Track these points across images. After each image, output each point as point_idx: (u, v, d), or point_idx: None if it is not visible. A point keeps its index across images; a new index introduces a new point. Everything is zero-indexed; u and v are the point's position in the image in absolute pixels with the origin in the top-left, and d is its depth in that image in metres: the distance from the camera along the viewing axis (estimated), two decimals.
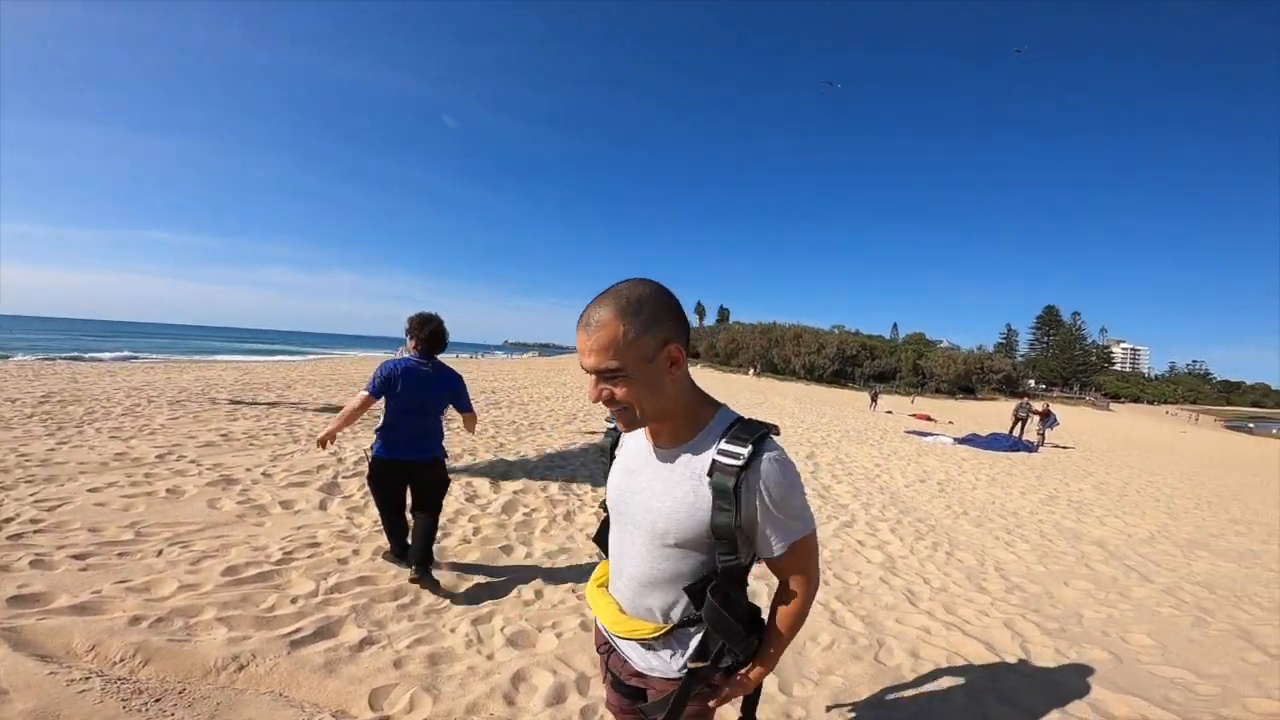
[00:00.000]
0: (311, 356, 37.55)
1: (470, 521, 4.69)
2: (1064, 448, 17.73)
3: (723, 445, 1.16)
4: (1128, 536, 6.50)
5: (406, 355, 3.48)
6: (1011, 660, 3.30)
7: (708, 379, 50.49)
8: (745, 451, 1.13)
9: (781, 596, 1.29)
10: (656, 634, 1.26)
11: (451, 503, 5.00)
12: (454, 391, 3.53)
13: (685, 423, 1.22)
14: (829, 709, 2.66)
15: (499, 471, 6.38)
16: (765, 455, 1.14)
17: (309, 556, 3.69)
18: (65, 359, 21.14)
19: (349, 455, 6.33)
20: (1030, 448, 15.44)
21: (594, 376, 1.13)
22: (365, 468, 5.96)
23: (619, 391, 1.12)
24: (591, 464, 7.26)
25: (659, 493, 1.21)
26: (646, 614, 1.27)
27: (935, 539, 5.72)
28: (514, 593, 3.53)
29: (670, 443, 1.23)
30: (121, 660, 2.45)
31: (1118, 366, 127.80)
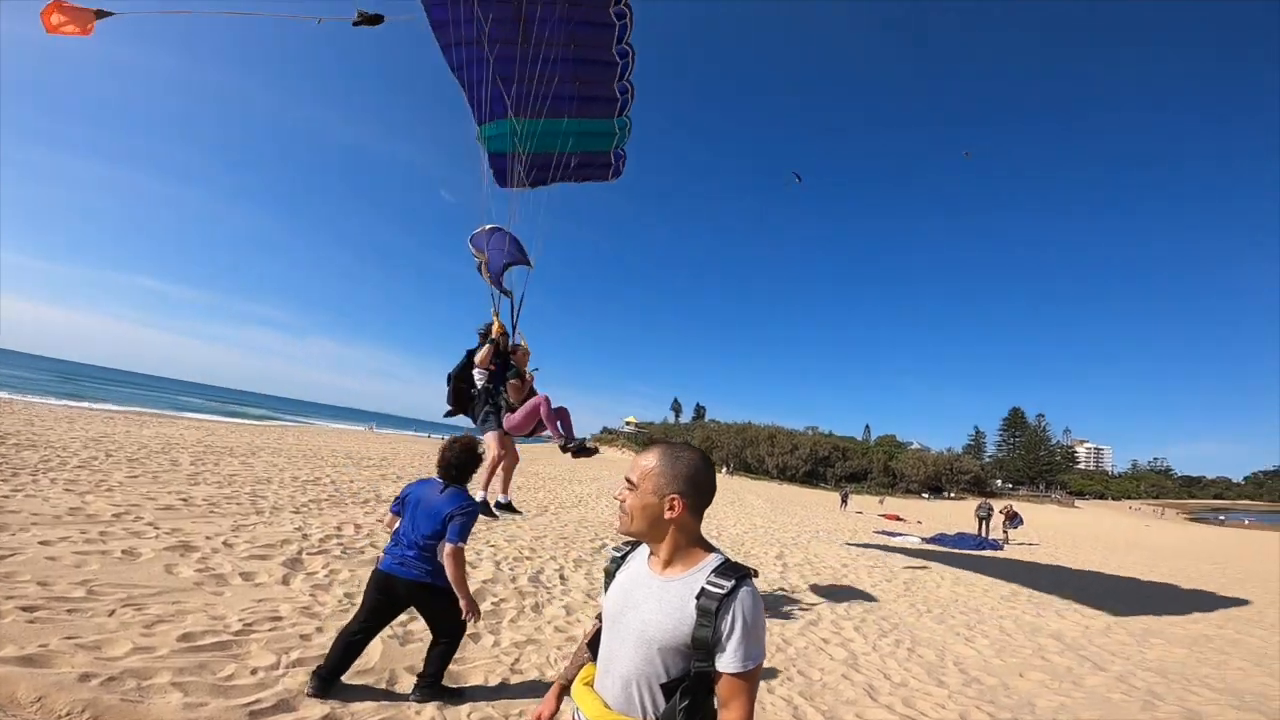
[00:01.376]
0: (280, 423, 36.48)
1: None
2: (1030, 544, 17.92)
3: (711, 577, 1.48)
4: (1085, 629, 6.63)
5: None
6: None
7: None
8: (729, 584, 1.45)
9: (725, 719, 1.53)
10: None
11: None
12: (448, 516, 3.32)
13: (684, 559, 1.55)
14: None
15: (467, 559, 6.32)
16: (744, 588, 1.46)
17: (270, 630, 3.65)
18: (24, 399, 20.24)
19: (314, 532, 6.26)
20: (996, 545, 15.61)
21: (625, 481, 1.56)
22: (331, 545, 5.94)
23: (628, 497, 1.55)
24: (561, 558, 7.23)
25: (654, 608, 1.49)
26: (630, 709, 1.50)
27: (898, 636, 5.79)
28: (482, 679, 3.54)
29: (670, 573, 1.54)
30: (69, 714, 2.42)
31: (1081, 465, 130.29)
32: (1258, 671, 5.00)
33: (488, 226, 6.05)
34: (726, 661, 1.44)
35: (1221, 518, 59.84)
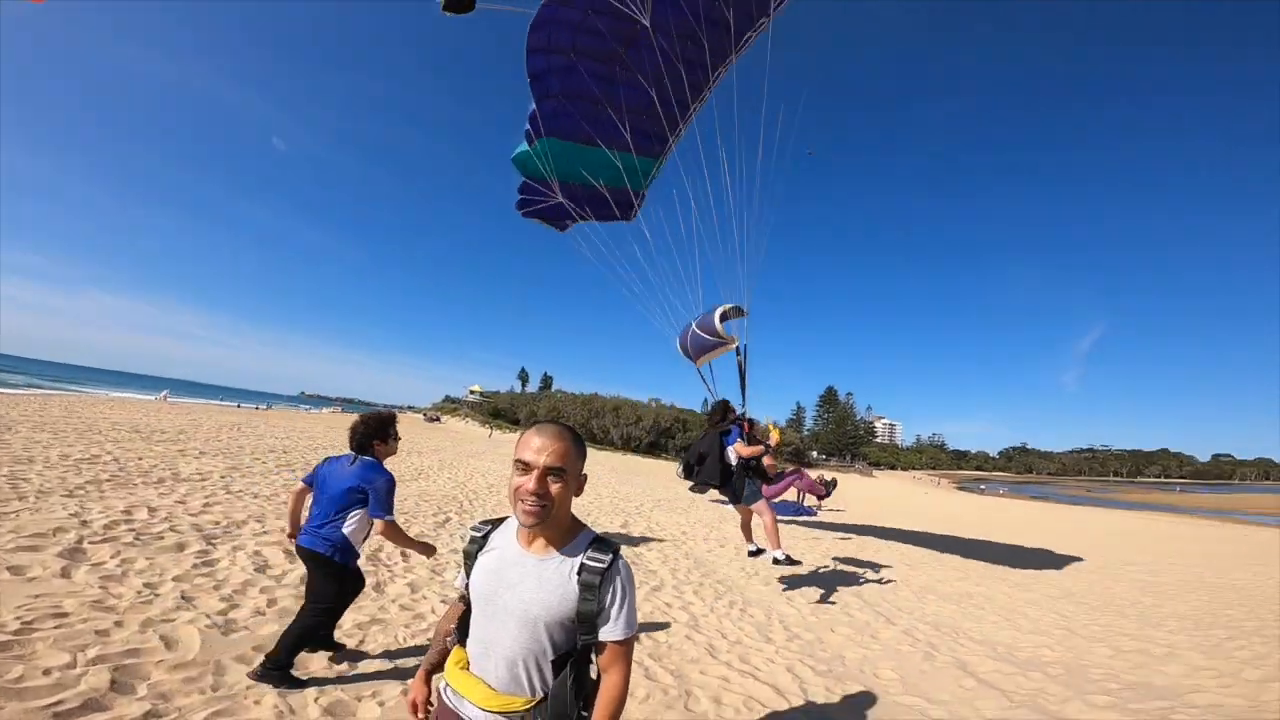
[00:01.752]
0: (42, 392, 30.76)
1: (263, 593, 4.32)
2: (839, 511, 20.23)
3: (590, 553, 1.57)
4: (879, 585, 7.69)
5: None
6: (795, 699, 3.86)
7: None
8: (607, 558, 1.56)
9: (609, 684, 1.60)
10: (528, 706, 1.52)
11: (237, 573, 4.59)
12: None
13: (565, 535, 1.60)
14: None
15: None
16: (620, 561, 1.58)
17: (56, 627, 3.21)
18: None
19: (96, 518, 5.44)
20: (811, 512, 17.45)
21: (539, 471, 1.49)
22: (120, 532, 5.22)
23: (555, 488, 1.51)
24: None
25: (534, 587, 1.52)
26: (518, 689, 1.53)
27: (731, 598, 6.33)
28: (324, 664, 3.36)
29: (546, 551, 1.57)
30: None
31: (880, 438, 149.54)
32: (1007, 625, 6.12)
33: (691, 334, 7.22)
34: (610, 631, 1.53)
35: (982, 487, 71.50)
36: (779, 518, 15.32)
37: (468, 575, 1.65)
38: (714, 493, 7.33)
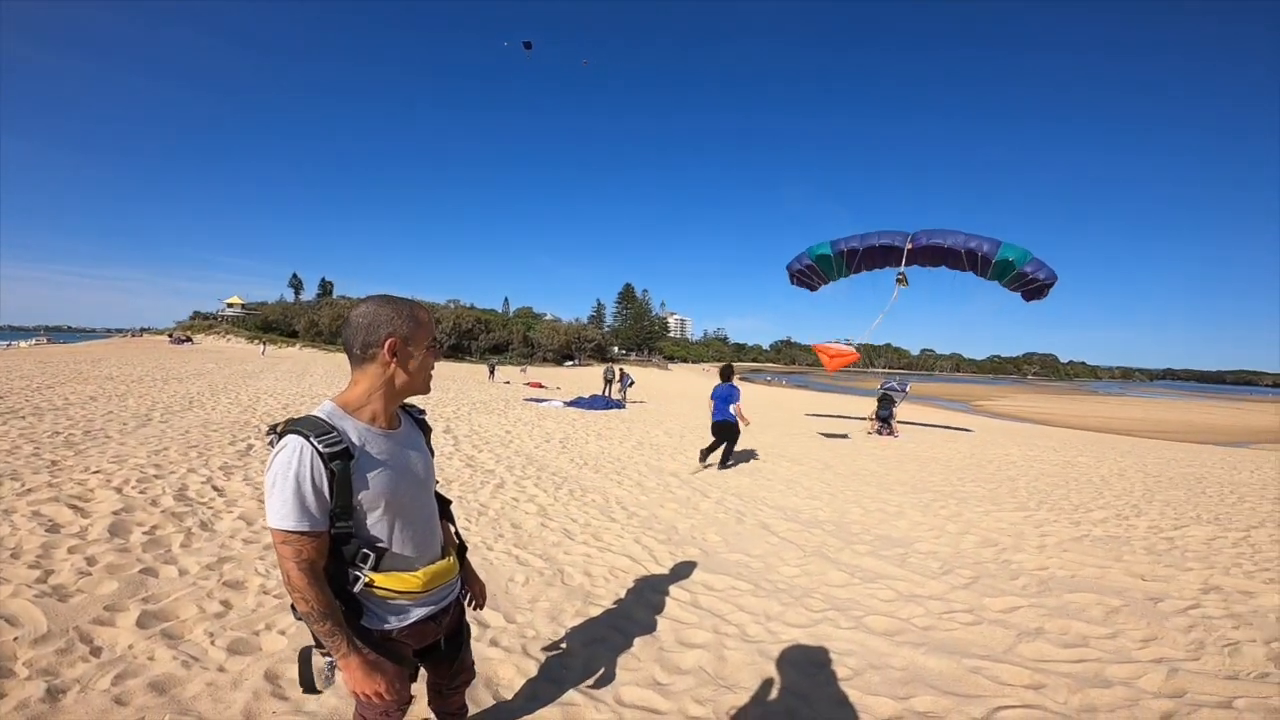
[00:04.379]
0: None
1: (73, 553, 3.79)
2: (641, 403, 22.04)
3: (415, 415, 1.82)
4: (689, 466, 8.91)
5: None
6: (648, 564, 4.62)
7: (313, 360, 45.36)
8: (420, 409, 1.87)
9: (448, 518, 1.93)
10: (451, 553, 1.83)
11: (30, 539, 3.93)
12: None
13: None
14: (550, 623, 3.52)
15: (72, 494, 4.98)
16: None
17: None
18: None
19: None
20: (620, 405, 18.84)
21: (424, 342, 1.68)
22: None
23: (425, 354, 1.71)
24: (202, 467, 6.27)
25: (418, 454, 1.70)
26: (444, 549, 1.78)
27: (570, 487, 6.98)
28: (195, 610, 3.23)
29: (396, 421, 1.69)
30: None
31: (673, 333, 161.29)
32: (790, 493, 7.59)
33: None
34: None
35: (768, 379, 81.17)
36: (592, 410, 16.37)
37: (341, 490, 1.44)
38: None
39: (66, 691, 2.44)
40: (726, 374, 9.53)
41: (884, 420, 15.55)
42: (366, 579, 1.52)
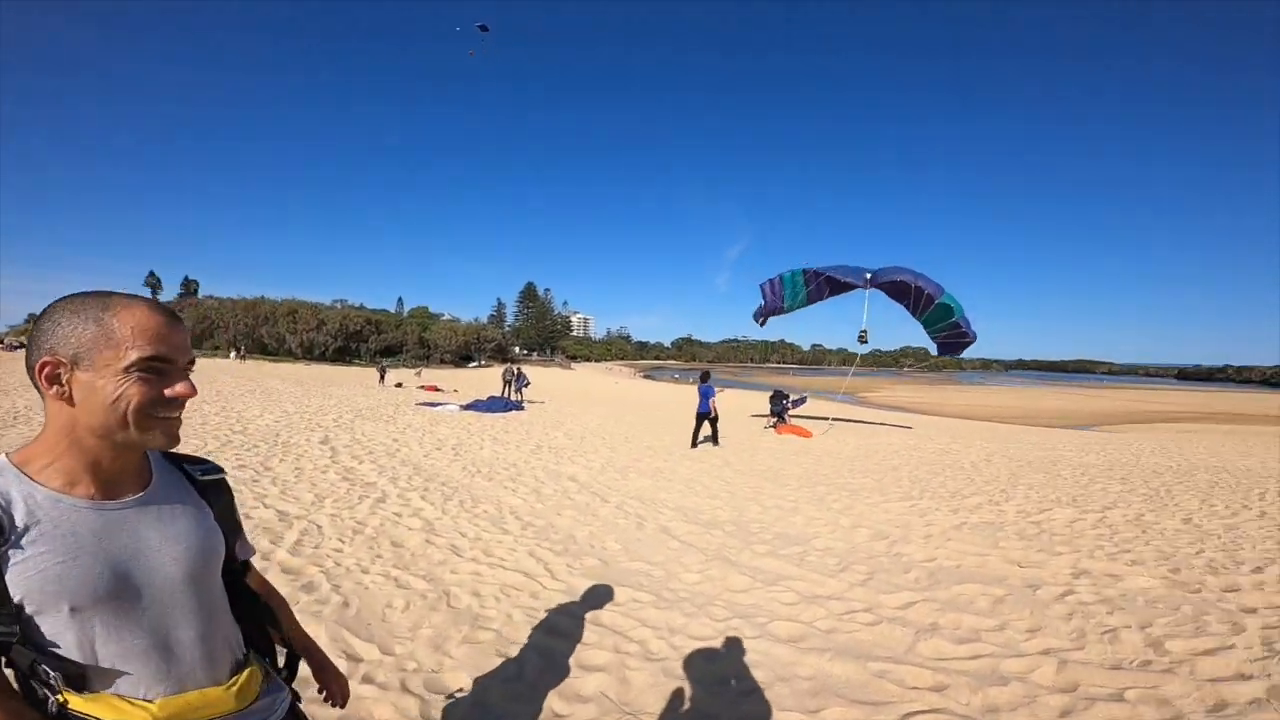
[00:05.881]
0: None
1: None
2: (540, 403, 21.53)
3: (185, 466, 1.21)
4: (589, 470, 8.65)
5: None
6: (543, 578, 4.29)
7: None
8: (209, 464, 1.25)
9: (267, 589, 1.41)
10: (262, 674, 1.22)
11: None
12: None
13: (141, 453, 1.13)
14: (434, 652, 3.17)
15: None
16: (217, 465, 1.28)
17: None
18: None
19: None
20: (519, 406, 18.27)
21: (187, 369, 1.06)
22: None
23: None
24: None
25: (170, 536, 1.09)
26: (237, 667, 1.17)
27: (460, 497, 6.49)
28: None
29: (139, 483, 1.10)
30: None
31: (576, 332, 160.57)
32: (690, 493, 7.50)
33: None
34: (243, 548, 1.35)
35: (675, 375, 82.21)
36: (490, 413, 15.74)
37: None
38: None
39: None
40: (706, 377, 12.53)
41: (779, 415, 16.02)
42: (59, 699, 0.98)
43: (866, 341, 15.72)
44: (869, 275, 14.75)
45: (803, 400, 18.41)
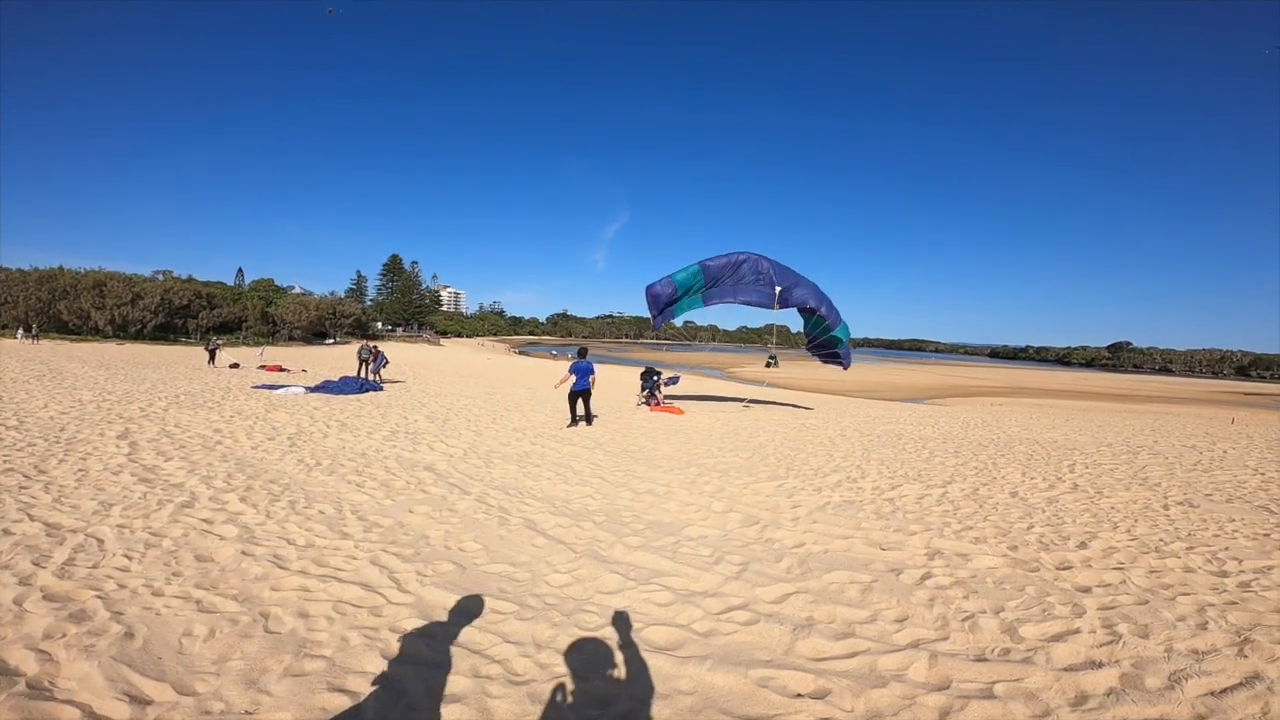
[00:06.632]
0: None
1: None
2: (400, 382, 20.03)
3: None
4: (449, 457, 7.95)
5: None
6: (388, 591, 3.69)
7: None
8: None
9: None
10: None
11: None
12: None
13: None
14: (248, 689, 2.61)
15: None
16: None
17: None
18: None
19: None
20: (378, 387, 16.82)
21: None
22: None
23: None
24: None
25: None
26: None
27: (291, 496, 5.63)
28: None
29: None
30: None
31: (446, 307, 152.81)
32: (559, 480, 7.06)
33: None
34: None
35: (553, 352, 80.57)
36: (341, 395, 14.31)
37: None
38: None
39: None
40: (583, 353, 12.47)
41: (650, 393, 16.00)
42: None
43: (776, 365, 16.97)
44: (778, 291, 14.52)
45: (675, 380, 18.44)
